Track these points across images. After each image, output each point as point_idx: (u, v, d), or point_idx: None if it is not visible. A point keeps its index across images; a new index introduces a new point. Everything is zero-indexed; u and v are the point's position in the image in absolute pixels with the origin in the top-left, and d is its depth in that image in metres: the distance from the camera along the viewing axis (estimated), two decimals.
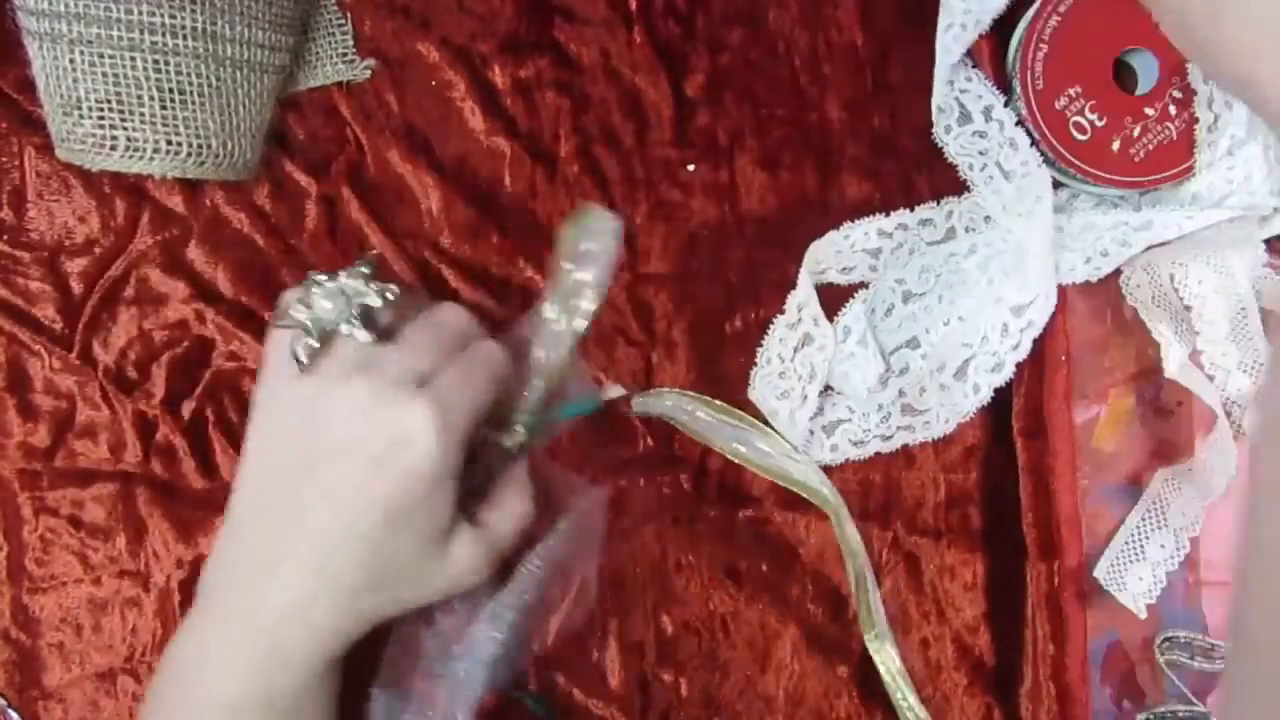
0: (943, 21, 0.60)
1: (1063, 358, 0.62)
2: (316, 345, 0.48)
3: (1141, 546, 0.62)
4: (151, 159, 0.53)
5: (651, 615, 0.63)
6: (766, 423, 0.63)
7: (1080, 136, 0.61)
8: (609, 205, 0.62)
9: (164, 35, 0.51)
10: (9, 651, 0.60)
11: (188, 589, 0.60)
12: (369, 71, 0.61)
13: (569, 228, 0.57)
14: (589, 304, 0.57)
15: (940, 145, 0.63)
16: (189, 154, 0.53)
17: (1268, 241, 0.63)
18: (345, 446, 0.46)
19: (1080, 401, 0.63)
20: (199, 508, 0.60)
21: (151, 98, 0.52)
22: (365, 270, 0.50)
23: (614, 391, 0.62)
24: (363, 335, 0.48)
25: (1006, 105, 0.62)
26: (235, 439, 0.60)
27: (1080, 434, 0.63)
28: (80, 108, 0.52)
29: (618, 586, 0.63)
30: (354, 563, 0.47)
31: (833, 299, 0.63)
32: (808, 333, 0.61)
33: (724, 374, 0.63)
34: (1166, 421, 0.63)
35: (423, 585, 0.49)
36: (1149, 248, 0.62)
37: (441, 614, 0.55)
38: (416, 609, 0.51)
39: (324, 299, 0.49)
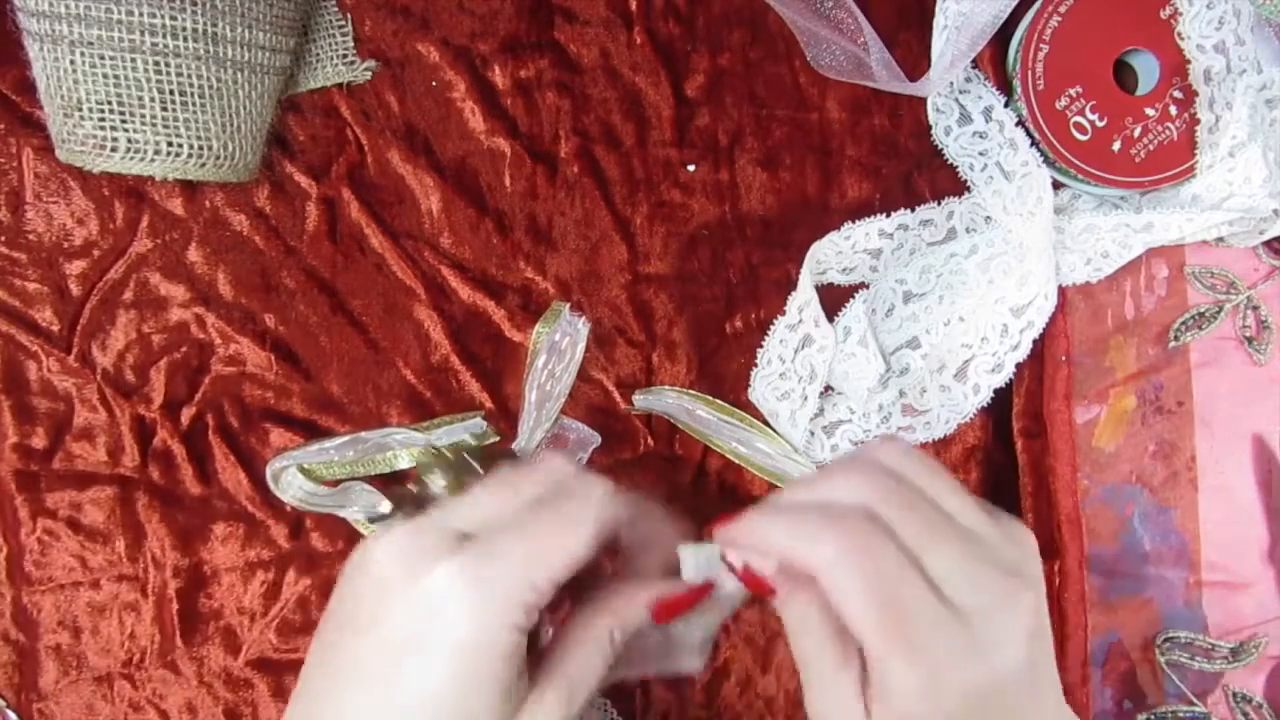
0: (937, 24, 0.61)
1: (1063, 358, 0.63)
2: (402, 514, 0.44)
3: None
4: (152, 160, 0.53)
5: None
6: (767, 423, 0.63)
7: (1081, 137, 0.61)
8: (609, 205, 0.62)
9: (165, 37, 0.51)
10: (8, 653, 0.59)
11: (185, 598, 0.60)
12: (369, 73, 0.60)
13: (543, 323, 0.59)
14: (558, 400, 0.59)
15: (940, 146, 0.63)
16: (190, 155, 0.53)
17: (1267, 243, 0.63)
18: (367, 624, 0.39)
19: (1080, 401, 0.63)
20: (196, 514, 0.60)
21: (152, 99, 0.51)
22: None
23: None
24: (436, 486, 0.43)
25: (1007, 106, 0.62)
26: (235, 446, 0.60)
27: (1080, 434, 0.63)
28: (81, 109, 0.51)
29: None
30: None
31: (833, 299, 0.63)
32: (808, 334, 0.61)
33: (724, 374, 0.63)
34: (1167, 421, 0.63)
35: None
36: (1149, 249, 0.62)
37: None
38: None
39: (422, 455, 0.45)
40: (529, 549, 0.39)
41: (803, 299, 0.61)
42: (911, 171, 0.64)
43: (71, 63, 0.50)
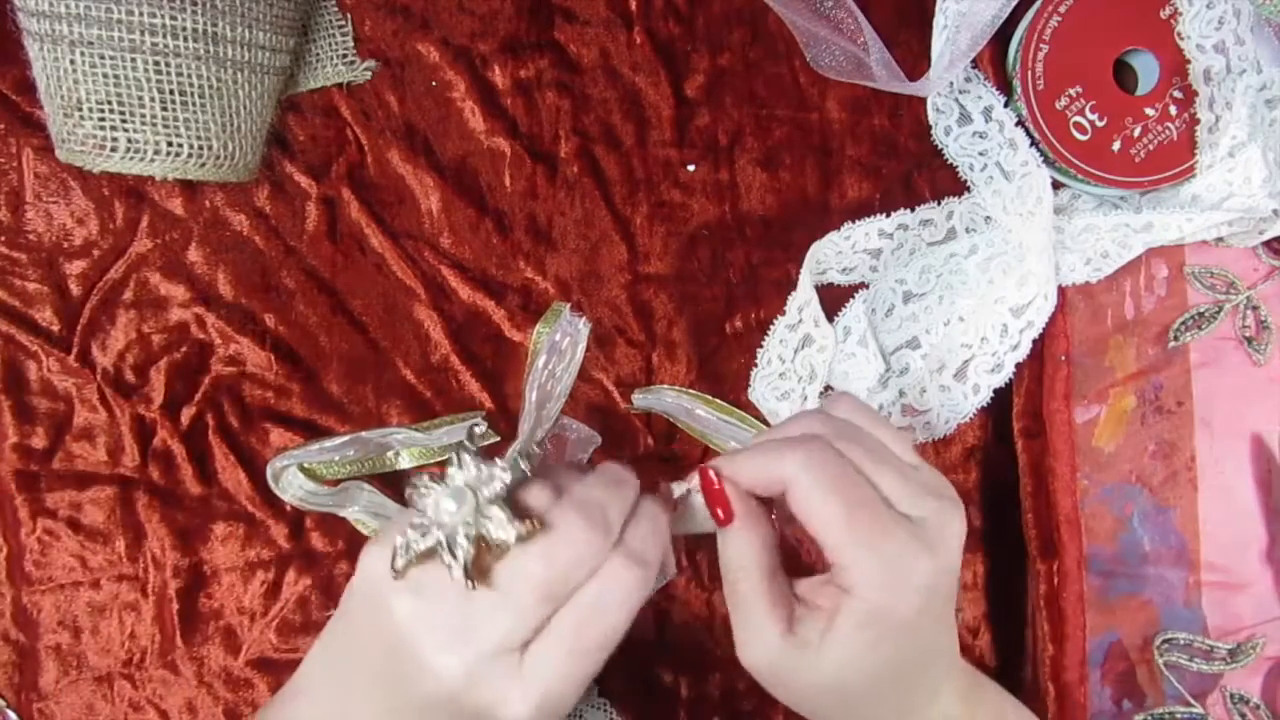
0: (937, 24, 0.61)
1: (1063, 358, 0.63)
2: (412, 557, 0.42)
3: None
4: (152, 160, 0.52)
5: (652, 615, 0.63)
6: (767, 423, 0.63)
7: (1080, 137, 0.61)
8: (609, 205, 0.62)
9: (165, 37, 0.50)
10: (8, 652, 0.59)
11: (185, 597, 0.60)
12: (369, 73, 0.60)
13: (543, 323, 0.59)
14: (559, 400, 0.59)
15: (940, 146, 0.63)
16: (190, 155, 0.53)
17: (1267, 243, 0.63)
18: (429, 705, 0.42)
19: (1080, 401, 0.63)
20: (196, 514, 0.60)
21: (152, 99, 0.51)
22: (473, 446, 0.44)
23: None
24: (457, 573, 0.41)
25: (1007, 106, 0.62)
26: (235, 445, 0.60)
27: (1080, 434, 0.63)
28: (81, 109, 0.51)
29: None
30: None
31: (833, 299, 0.63)
32: (808, 334, 0.61)
33: (724, 374, 0.63)
34: (1167, 421, 0.63)
35: None
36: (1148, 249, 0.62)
37: None
38: None
39: (448, 498, 0.42)
40: (582, 660, 0.42)
41: (803, 299, 0.61)
42: (911, 171, 0.64)
43: (71, 63, 0.50)
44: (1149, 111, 0.62)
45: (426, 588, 0.42)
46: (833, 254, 0.62)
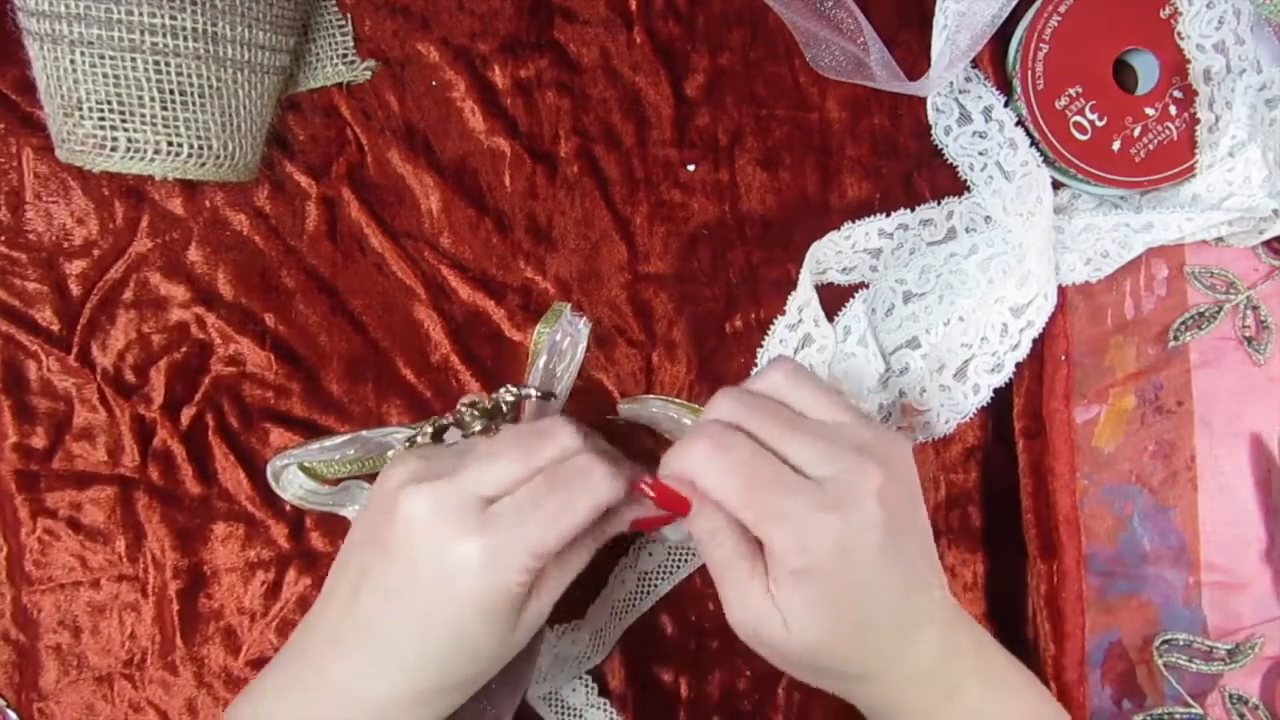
0: (937, 23, 0.61)
1: (1063, 358, 0.63)
2: (428, 433, 0.52)
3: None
4: (152, 160, 0.52)
5: (651, 615, 0.63)
6: None
7: (1080, 136, 0.61)
8: (609, 205, 0.62)
9: (165, 36, 0.50)
10: (8, 652, 0.59)
11: (185, 598, 0.60)
12: (369, 73, 0.60)
13: (543, 323, 0.60)
14: (559, 400, 0.59)
15: (940, 146, 0.63)
16: (190, 155, 0.53)
17: (1267, 242, 0.63)
18: (400, 557, 0.45)
19: (1080, 401, 0.63)
20: (196, 514, 0.60)
21: (152, 99, 0.51)
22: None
23: None
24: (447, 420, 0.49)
25: (1007, 105, 0.62)
26: (234, 445, 0.60)
27: (1080, 434, 0.63)
28: (81, 109, 0.51)
29: None
30: (408, 668, 0.46)
31: (833, 299, 0.63)
32: (808, 333, 0.61)
33: (724, 374, 0.63)
34: (1167, 421, 0.63)
35: (486, 671, 0.48)
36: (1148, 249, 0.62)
37: None
38: None
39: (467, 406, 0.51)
40: (538, 526, 0.44)
41: (803, 299, 0.61)
42: (911, 171, 0.64)
43: (71, 62, 0.50)
44: (1149, 111, 0.62)
45: (422, 451, 0.48)
46: (833, 254, 0.62)
